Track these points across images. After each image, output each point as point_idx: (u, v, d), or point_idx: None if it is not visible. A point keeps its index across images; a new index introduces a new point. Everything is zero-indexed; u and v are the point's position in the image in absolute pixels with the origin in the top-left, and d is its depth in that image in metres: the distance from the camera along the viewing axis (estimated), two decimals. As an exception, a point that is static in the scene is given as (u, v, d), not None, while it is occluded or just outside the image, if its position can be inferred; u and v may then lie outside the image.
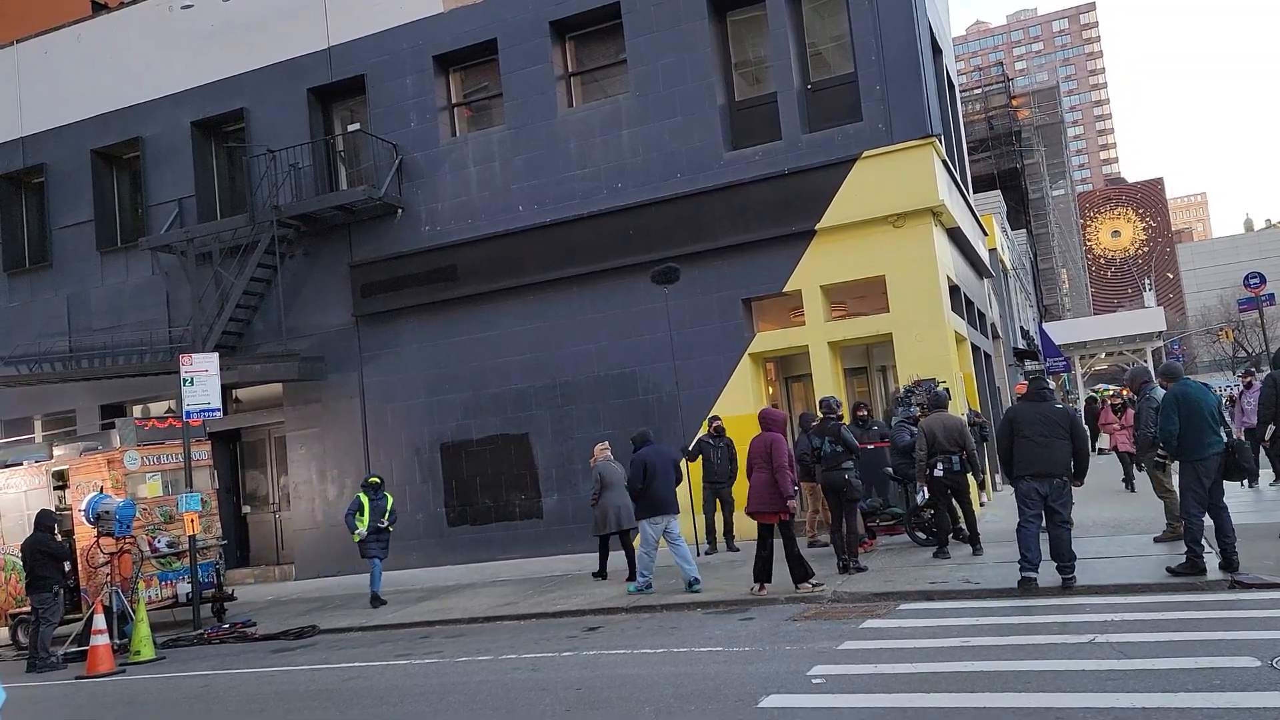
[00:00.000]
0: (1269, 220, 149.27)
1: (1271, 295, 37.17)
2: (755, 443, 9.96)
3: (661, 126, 15.11)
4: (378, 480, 13.36)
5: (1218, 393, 12.21)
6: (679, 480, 10.93)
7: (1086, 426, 27.74)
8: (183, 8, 18.16)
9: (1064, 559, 8.55)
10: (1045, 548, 8.71)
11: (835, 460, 10.60)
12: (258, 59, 17.97)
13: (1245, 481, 9.22)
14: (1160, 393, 10.14)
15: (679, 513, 10.80)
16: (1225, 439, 8.50)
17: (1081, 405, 32.95)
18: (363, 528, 12.77)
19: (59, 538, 12.10)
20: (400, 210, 16.72)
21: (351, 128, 17.90)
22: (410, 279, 16.46)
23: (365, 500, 12.91)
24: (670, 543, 10.55)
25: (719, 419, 13.62)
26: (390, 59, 16.95)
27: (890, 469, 12.18)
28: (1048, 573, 8.63)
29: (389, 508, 13.18)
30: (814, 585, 9.64)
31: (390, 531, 13.21)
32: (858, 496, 10.74)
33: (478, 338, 16.11)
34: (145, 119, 18.94)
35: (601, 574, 12.30)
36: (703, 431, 13.62)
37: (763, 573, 9.88)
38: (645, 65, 15.30)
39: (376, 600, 12.72)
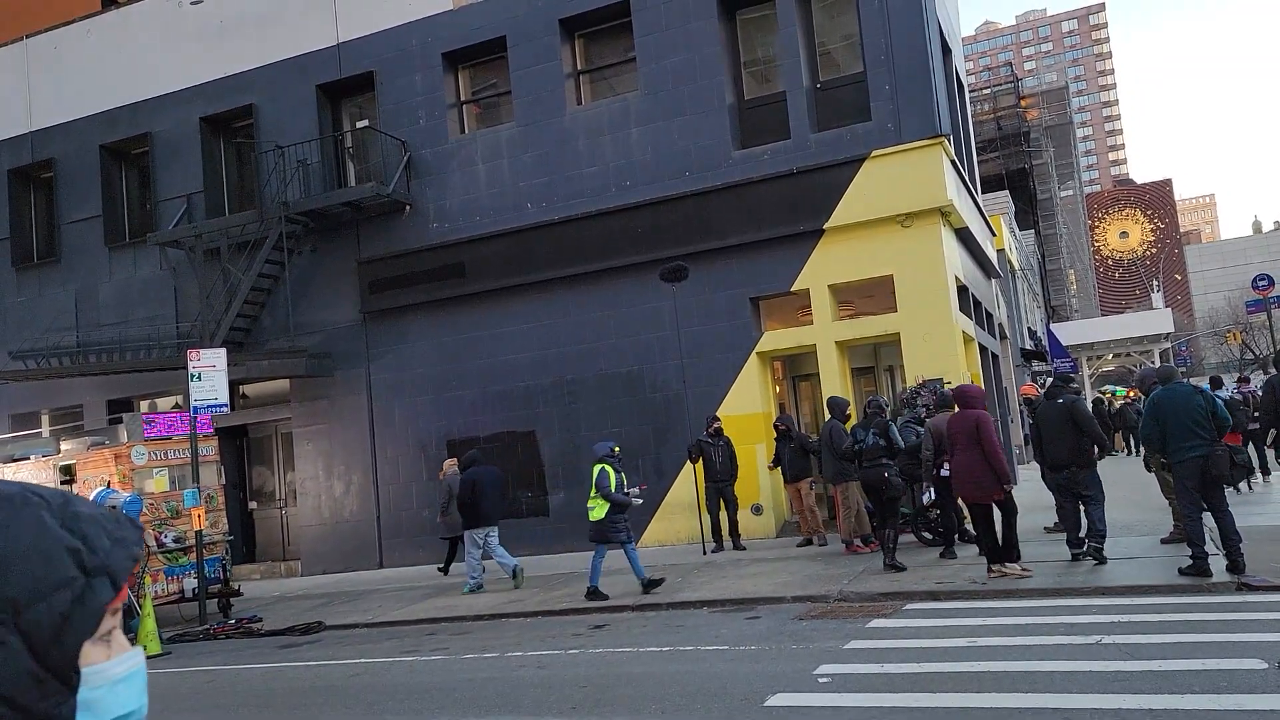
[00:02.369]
0: (1278, 222, 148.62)
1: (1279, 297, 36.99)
2: (956, 421, 9.51)
3: (670, 125, 15.10)
4: (619, 449, 11.47)
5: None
6: (504, 496, 12.99)
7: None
8: (192, 3, 18.22)
9: (1092, 535, 9.36)
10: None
11: (875, 455, 10.53)
12: (267, 55, 18.00)
13: (1240, 486, 9.35)
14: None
15: (499, 523, 12.71)
16: (1208, 443, 8.47)
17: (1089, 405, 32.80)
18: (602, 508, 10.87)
19: None
20: (408, 207, 16.73)
21: (360, 124, 17.93)
22: (418, 276, 16.47)
23: (612, 472, 10.92)
24: (491, 550, 12.51)
25: (717, 419, 13.63)
26: (399, 56, 16.96)
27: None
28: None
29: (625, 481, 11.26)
30: (1023, 569, 9.17)
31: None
32: (897, 494, 10.72)
33: (485, 335, 16.12)
34: (154, 115, 18.99)
35: (445, 570, 14.58)
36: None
37: (995, 552, 9.26)
38: (654, 63, 15.29)
39: (650, 586, 10.62)
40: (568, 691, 6.96)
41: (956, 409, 9.75)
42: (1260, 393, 13.84)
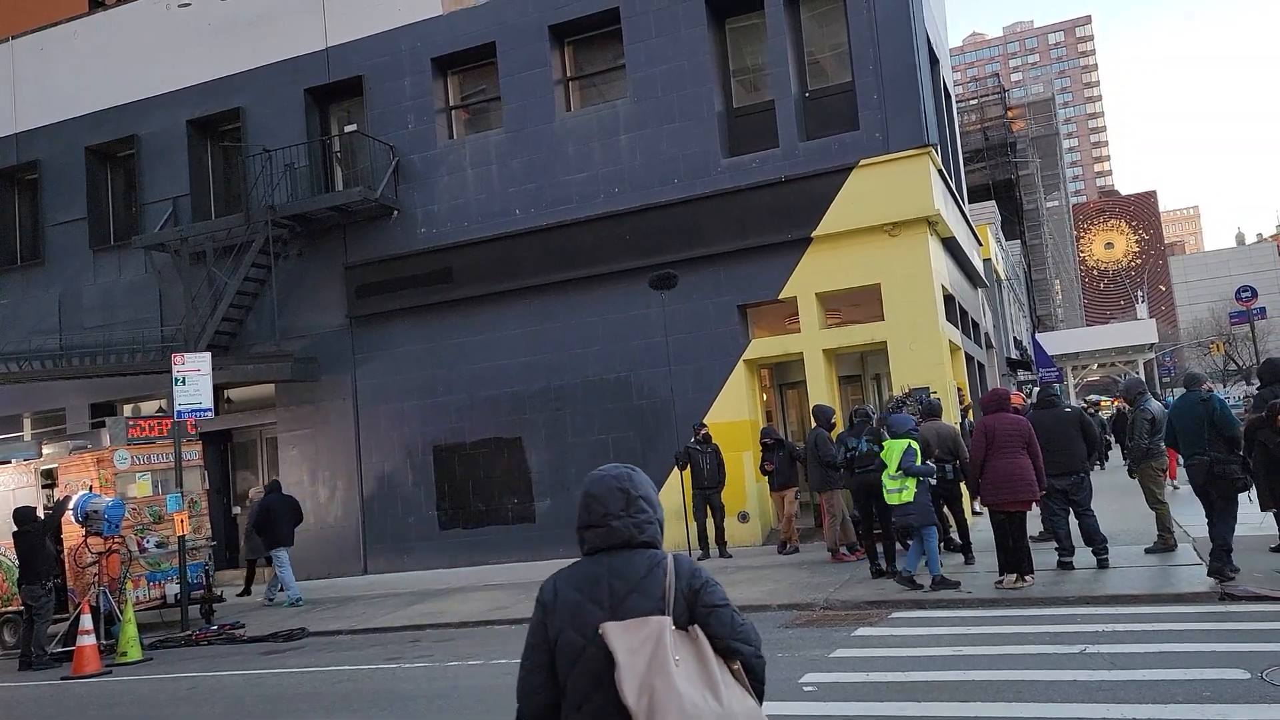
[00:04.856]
0: (1260, 234, 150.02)
1: (1263, 309, 37.36)
2: (999, 423, 9.09)
3: (659, 132, 15.11)
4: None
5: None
6: (298, 521, 14.41)
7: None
8: (180, 6, 18.12)
9: (1096, 543, 9.61)
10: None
11: (869, 460, 10.54)
12: (255, 58, 17.93)
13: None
14: (1153, 404, 10.40)
15: (292, 545, 14.14)
16: (1200, 452, 8.70)
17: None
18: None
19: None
20: (396, 212, 16.68)
21: (349, 129, 17.86)
22: (405, 281, 16.41)
23: (919, 449, 9.72)
24: (279, 568, 14.02)
25: (705, 426, 13.62)
26: (389, 60, 16.93)
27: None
28: (1083, 558, 9.75)
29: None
30: (1031, 579, 9.03)
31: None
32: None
33: (472, 340, 16.07)
34: (141, 117, 18.88)
35: (247, 590, 15.73)
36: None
37: (1020, 563, 9.06)
38: (644, 71, 15.30)
39: (945, 582, 9.48)
40: (552, 699, 6.92)
41: (983, 412, 9.71)
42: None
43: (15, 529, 11.59)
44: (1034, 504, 9.38)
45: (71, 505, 12.10)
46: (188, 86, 18.47)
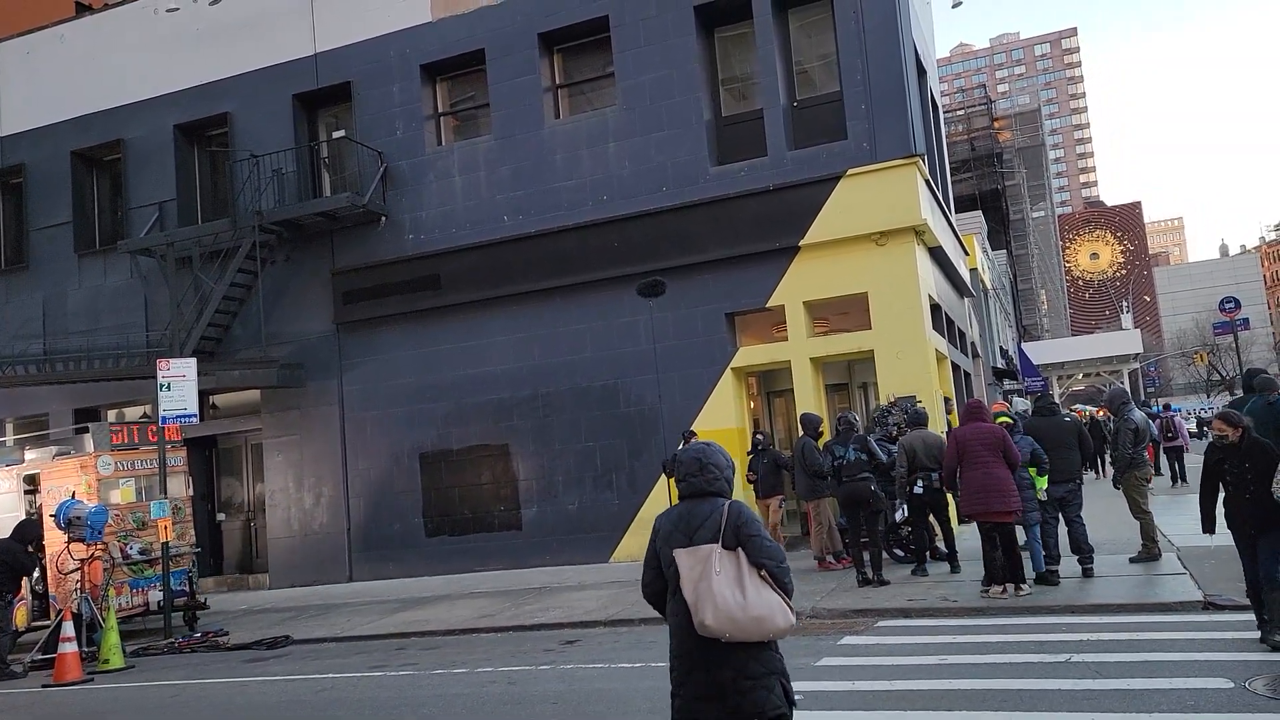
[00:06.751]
0: (1244, 246, 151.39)
1: (1246, 319, 37.63)
2: (973, 433, 9.13)
3: (648, 140, 15.15)
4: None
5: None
6: None
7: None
8: (168, 11, 18.06)
9: (1082, 552, 9.66)
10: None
11: (857, 469, 10.55)
12: (243, 64, 17.88)
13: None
14: (1137, 414, 10.45)
15: None
16: None
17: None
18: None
19: (30, 550, 11.80)
20: (384, 218, 16.65)
21: (337, 134, 17.83)
22: (393, 287, 16.38)
23: None
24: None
25: (693, 433, 13.62)
26: (377, 67, 16.91)
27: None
28: (1068, 567, 9.75)
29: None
30: (1025, 589, 9.03)
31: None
32: (882, 507, 10.74)
33: (460, 347, 16.05)
34: (128, 121, 18.79)
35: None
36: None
37: (1014, 573, 9.06)
38: (633, 79, 15.34)
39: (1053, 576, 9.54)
40: (538, 707, 6.92)
41: (958, 423, 9.76)
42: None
43: None
44: (1018, 514, 9.19)
45: (53, 511, 11.99)
46: (175, 91, 18.40)
